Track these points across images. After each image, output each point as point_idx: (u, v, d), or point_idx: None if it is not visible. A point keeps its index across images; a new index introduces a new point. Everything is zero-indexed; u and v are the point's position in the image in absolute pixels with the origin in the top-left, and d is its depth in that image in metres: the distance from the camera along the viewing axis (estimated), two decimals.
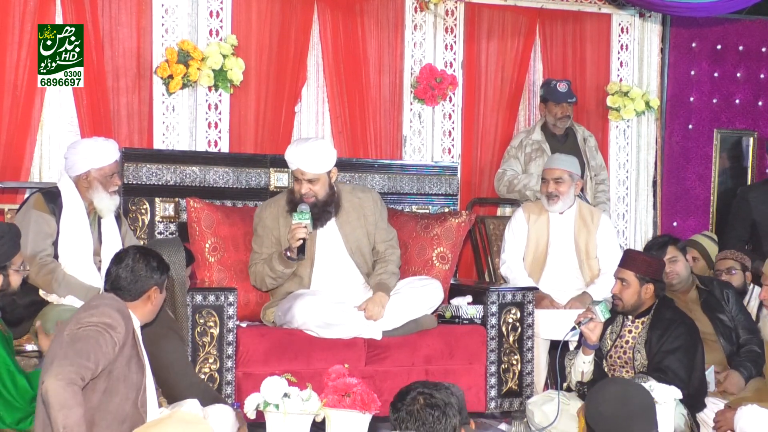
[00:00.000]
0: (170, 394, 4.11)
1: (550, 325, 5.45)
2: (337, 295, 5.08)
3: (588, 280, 5.73)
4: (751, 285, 5.80)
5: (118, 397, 3.55)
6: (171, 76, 5.85)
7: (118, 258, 3.82)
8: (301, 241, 4.95)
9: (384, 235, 5.29)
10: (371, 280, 5.20)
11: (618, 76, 7.13)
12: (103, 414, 3.51)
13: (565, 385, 4.83)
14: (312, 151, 5.01)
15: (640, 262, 4.68)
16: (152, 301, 3.80)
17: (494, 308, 5.29)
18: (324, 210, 5.09)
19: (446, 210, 5.99)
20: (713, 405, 4.66)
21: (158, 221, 5.40)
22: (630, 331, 4.70)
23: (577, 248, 5.75)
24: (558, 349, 4.79)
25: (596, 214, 5.84)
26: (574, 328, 4.70)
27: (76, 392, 3.31)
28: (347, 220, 5.20)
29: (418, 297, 5.14)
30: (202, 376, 4.65)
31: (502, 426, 5.12)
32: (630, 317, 4.71)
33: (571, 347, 4.94)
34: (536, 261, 5.76)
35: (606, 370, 4.68)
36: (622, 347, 4.69)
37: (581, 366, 4.66)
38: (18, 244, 4.07)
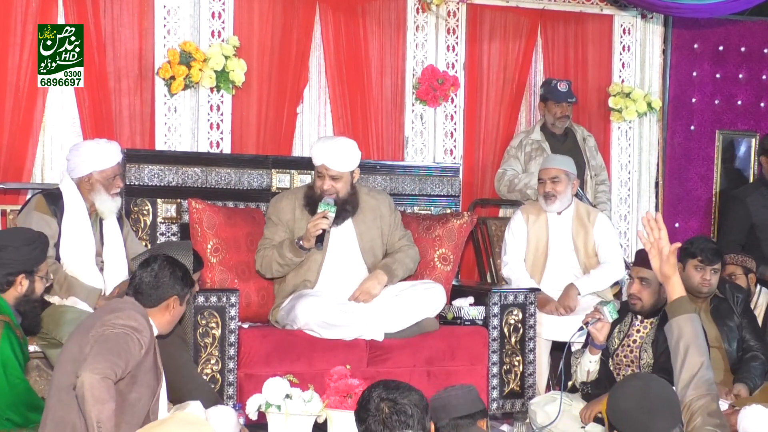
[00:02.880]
0: (177, 396, 4.11)
1: (553, 326, 5.45)
2: (341, 296, 5.09)
3: None
4: (758, 287, 5.74)
5: (140, 402, 3.56)
6: (173, 78, 5.85)
7: (146, 262, 3.79)
8: (321, 231, 4.98)
9: (400, 234, 5.34)
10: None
11: (620, 77, 7.13)
12: (128, 418, 3.52)
13: (570, 384, 4.82)
14: (339, 149, 5.08)
15: None
16: (170, 312, 3.76)
17: (496, 309, 5.29)
18: (343, 208, 5.13)
19: (448, 211, 5.98)
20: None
21: (160, 222, 5.40)
22: (638, 331, 4.69)
23: (576, 248, 5.76)
24: (563, 350, 4.78)
25: (593, 214, 5.84)
26: (581, 329, 4.69)
27: (110, 386, 3.32)
28: (363, 220, 5.23)
29: (421, 300, 5.14)
30: (204, 378, 4.65)
31: (504, 427, 5.12)
32: (639, 317, 4.71)
33: (574, 348, 4.94)
34: (536, 262, 5.76)
35: (612, 368, 4.68)
36: (629, 346, 4.69)
37: (587, 365, 4.66)
38: (46, 252, 4.07)
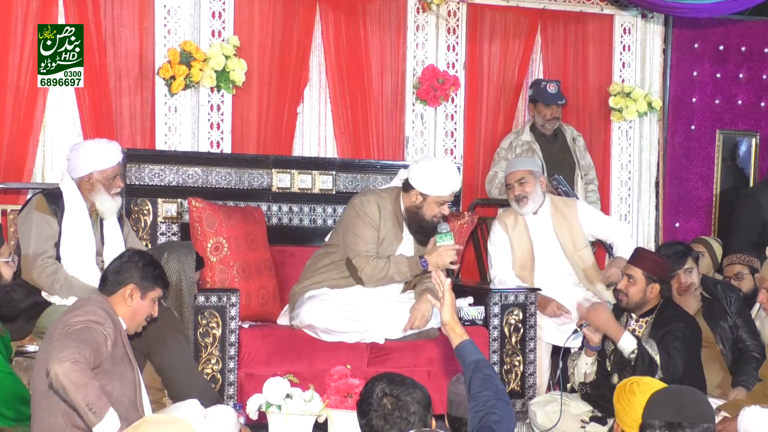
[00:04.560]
0: (176, 395, 4.12)
1: (554, 329, 5.44)
2: (361, 302, 5.07)
3: (581, 273, 5.69)
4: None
5: (112, 396, 3.55)
6: (173, 77, 5.85)
7: (120, 255, 3.92)
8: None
9: None
10: (418, 287, 5.23)
11: (620, 77, 7.13)
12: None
13: (568, 386, 4.82)
14: (457, 172, 5.15)
15: (649, 261, 4.69)
16: (128, 302, 3.75)
17: (496, 309, 5.29)
18: None
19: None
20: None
21: (161, 222, 5.40)
22: (634, 331, 4.70)
23: (562, 243, 5.73)
24: (560, 352, 4.79)
25: (571, 205, 5.81)
26: (575, 332, 4.69)
27: (84, 369, 3.30)
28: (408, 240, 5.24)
29: None
30: (205, 377, 4.64)
31: None
32: (634, 316, 4.71)
33: (572, 350, 4.94)
34: (525, 266, 5.72)
35: (609, 369, 4.68)
36: None
37: (584, 367, 4.66)
38: (1, 236, 4.07)
